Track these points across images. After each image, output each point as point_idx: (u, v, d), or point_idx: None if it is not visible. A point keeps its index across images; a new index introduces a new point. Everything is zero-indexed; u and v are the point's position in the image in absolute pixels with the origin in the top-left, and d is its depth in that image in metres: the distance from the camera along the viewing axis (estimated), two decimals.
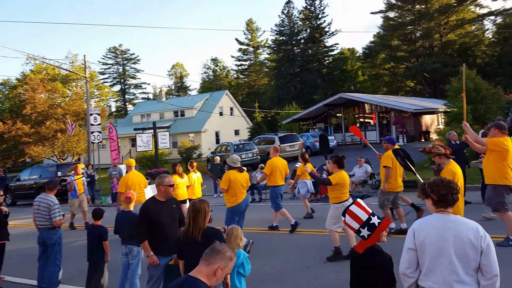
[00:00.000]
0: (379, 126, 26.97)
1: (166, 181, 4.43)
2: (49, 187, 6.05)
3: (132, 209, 5.59)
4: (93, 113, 20.29)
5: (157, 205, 4.39)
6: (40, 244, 5.94)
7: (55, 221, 5.80)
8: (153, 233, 4.33)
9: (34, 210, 5.96)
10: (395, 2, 45.77)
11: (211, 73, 70.65)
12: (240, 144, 20.59)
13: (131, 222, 5.27)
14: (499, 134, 6.01)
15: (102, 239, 5.61)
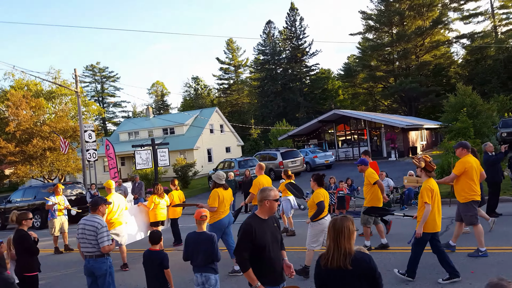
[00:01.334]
0: (370, 142, 26.82)
1: (272, 195, 3.60)
2: (92, 208, 5.09)
3: (206, 230, 4.70)
4: (87, 129, 19.04)
5: (260, 224, 3.52)
6: (88, 274, 4.95)
7: (103, 247, 4.85)
8: (255, 258, 3.47)
9: (78, 235, 4.99)
10: (374, 24, 46.87)
11: (192, 91, 69.74)
12: (244, 160, 19.76)
13: (208, 245, 4.43)
14: (465, 152, 6.35)
15: (163, 266, 4.71)
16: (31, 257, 5.31)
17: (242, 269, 3.43)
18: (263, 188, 3.69)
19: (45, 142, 21.96)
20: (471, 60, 43.40)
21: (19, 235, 5.29)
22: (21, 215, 5.42)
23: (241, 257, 3.42)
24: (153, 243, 4.87)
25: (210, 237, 4.49)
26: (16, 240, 5.27)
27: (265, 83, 54.61)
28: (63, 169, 22.86)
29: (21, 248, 5.24)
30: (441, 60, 45.11)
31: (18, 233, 5.32)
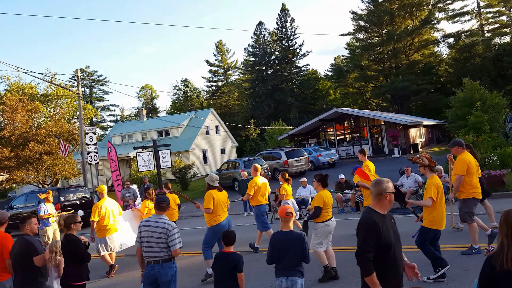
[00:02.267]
0: (371, 140, 26.67)
1: (391, 187, 3.17)
2: (161, 206, 4.57)
3: (292, 228, 4.22)
4: (89, 131, 18.28)
5: (382, 220, 3.05)
6: (149, 282, 4.41)
7: (174, 251, 4.35)
8: (379, 259, 2.99)
9: (142, 238, 4.46)
10: (364, 24, 47.06)
11: (182, 94, 68.90)
12: (249, 160, 19.29)
13: (297, 245, 3.97)
14: (461, 150, 6.29)
15: (237, 270, 4.22)
16: (81, 264, 4.75)
17: (364, 272, 2.95)
18: (379, 180, 3.22)
19: (42, 146, 21.04)
20: (460, 58, 43.96)
21: (69, 240, 4.74)
22: (69, 219, 4.87)
23: (364, 258, 2.95)
24: (228, 244, 4.39)
25: (300, 237, 4.04)
26: (65, 246, 4.71)
27: (256, 84, 54.22)
28: (60, 173, 21.94)
29: (71, 254, 4.67)
30: (430, 59, 45.66)
31: (67, 238, 4.77)
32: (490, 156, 13.70)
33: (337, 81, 53.29)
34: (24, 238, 4.80)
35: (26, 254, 4.67)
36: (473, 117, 15.98)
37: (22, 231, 4.91)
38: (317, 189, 6.02)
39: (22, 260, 4.67)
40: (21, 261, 4.68)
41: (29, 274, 4.68)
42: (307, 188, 12.21)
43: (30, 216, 5.05)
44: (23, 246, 4.70)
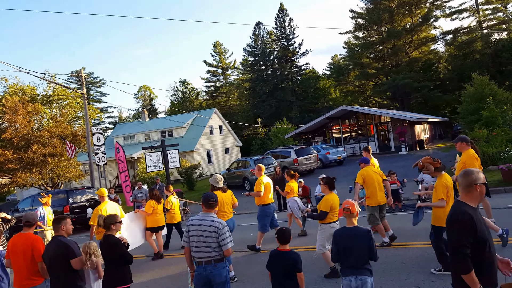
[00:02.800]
0: (377, 137, 26.42)
1: (482, 178, 2.86)
2: (209, 204, 4.25)
3: (356, 224, 3.92)
4: (95, 132, 17.89)
5: (475, 214, 2.78)
6: (202, 284, 4.08)
7: (227, 250, 4.03)
8: (475, 256, 2.73)
9: (190, 237, 4.13)
10: (364, 22, 46.90)
11: (180, 95, 68.53)
12: (260, 159, 18.97)
13: (364, 241, 3.68)
14: (465, 146, 6.30)
15: (296, 269, 3.91)
16: (124, 266, 4.41)
17: (463, 270, 2.66)
18: (468, 170, 2.92)
19: (46, 148, 20.61)
20: (459, 55, 43.87)
21: (110, 242, 4.40)
22: (109, 219, 4.53)
23: (461, 254, 2.67)
24: (283, 242, 4.06)
25: (366, 232, 3.74)
26: (106, 248, 4.37)
27: (256, 84, 53.97)
28: (64, 175, 21.52)
29: (113, 256, 4.34)
30: (430, 56, 45.61)
31: (108, 240, 4.42)
32: (506, 150, 13.51)
33: (338, 79, 53.16)
34: (60, 240, 4.43)
35: (63, 256, 4.30)
36: (486, 112, 15.78)
37: (56, 232, 4.55)
38: (324, 192, 5.95)
39: (59, 263, 4.31)
40: (57, 265, 4.31)
41: (67, 278, 4.30)
42: None
43: (64, 216, 4.71)
44: (59, 248, 4.34)
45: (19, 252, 4.78)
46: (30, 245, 4.75)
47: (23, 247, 4.77)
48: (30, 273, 4.73)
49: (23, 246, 4.78)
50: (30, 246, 4.75)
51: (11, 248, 4.87)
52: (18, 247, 4.80)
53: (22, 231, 5.01)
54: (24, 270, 4.73)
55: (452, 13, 44.95)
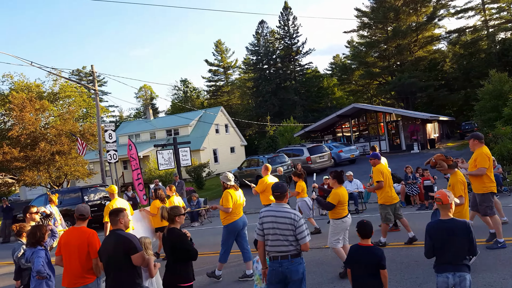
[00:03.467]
0: (388, 135, 26.18)
1: None
2: (275, 194, 3.96)
3: (452, 216, 3.65)
4: (107, 129, 17.57)
5: None
6: (278, 281, 3.80)
7: (304, 244, 3.75)
8: None
9: (265, 230, 3.85)
10: (369, 21, 46.73)
11: (181, 94, 68.20)
12: (273, 157, 18.70)
13: (462, 234, 3.41)
14: (479, 144, 6.20)
15: (380, 266, 3.64)
16: (188, 262, 4.12)
17: None
18: None
19: (54, 146, 20.26)
20: (465, 54, 43.75)
21: (175, 235, 4.10)
22: (174, 210, 4.21)
23: None
24: (365, 237, 3.78)
25: (464, 225, 3.47)
26: (170, 242, 4.08)
27: (259, 83, 53.73)
28: (72, 174, 21.17)
29: (178, 251, 4.05)
30: (435, 55, 45.48)
31: (173, 233, 4.12)
32: None
33: (341, 78, 52.99)
34: (120, 234, 4.07)
35: (124, 252, 3.94)
36: (508, 109, 15.57)
37: (114, 225, 4.20)
38: (333, 186, 5.92)
39: (118, 259, 3.94)
40: (117, 261, 3.95)
41: (126, 276, 3.96)
42: (354, 183, 11.61)
43: (122, 208, 4.39)
44: (119, 243, 3.98)
45: (73, 248, 4.42)
46: (86, 240, 4.41)
47: (77, 242, 4.42)
48: (84, 271, 4.39)
49: (77, 241, 4.42)
50: (85, 241, 4.41)
51: (64, 244, 4.50)
52: (72, 243, 4.44)
53: (76, 225, 4.65)
54: (77, 268, 4.39)
55: (457, 12, 44.81)
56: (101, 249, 4.18)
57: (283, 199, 3.91)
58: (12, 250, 5.80)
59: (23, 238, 5.66)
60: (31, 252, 4.80)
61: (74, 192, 15.22)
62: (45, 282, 4.78)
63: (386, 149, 25.53)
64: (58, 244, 4.62)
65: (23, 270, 5.47)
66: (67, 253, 4.45)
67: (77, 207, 4.73)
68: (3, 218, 15.97)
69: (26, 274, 5.43)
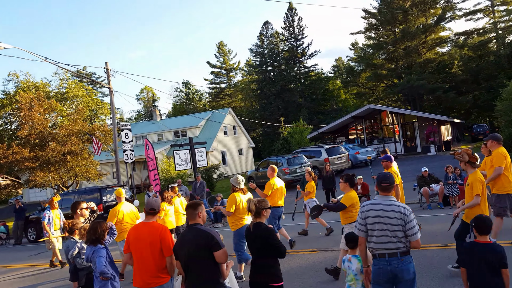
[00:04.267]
0: (403, 137, 25.95)
1: None
2: (383, 186, 3.70)
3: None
4: (124, 128, 17.30)
5: None
6: (385, 280, 3.54)
7: (416, 241, 3.50)
8: None
9: (368, 224, 3.60)
10: (376, 22, 46.67)
11: (183, 96, 68.06)
12: (292, 158, 18.47)
13: None
14: (497, 145, 6.24)
15: (502, 264, 3.38)
16: (276, 259, 3.86)
17: None
18: None
19: (65, 146, 19.97)
20: (474, 56, 43.73)
21: (262, 230, 3.84)
22: (261, 204, 3.97)
23: None
24: (483, 233, 3.53)
25: None
26: (257, 237, 3.82)
27: (263, 85, 53.61)
28: (83, 175, 20.87)
29: (265, 247, 3.78)
30: (444, 57, 45.48)
31: (259, 228, 3.86)
32: None
33: (346, 81, 52.95)
34: (200, 229, 3.77)
35: (205, 248, 3.65)
36: None
37: (192, 219, 3.90)
38: (345, 190, 5.94)
39: (200, 255, 3.66)
40: (198, 258, 3.66)
41: (208, 274, 3.68)
42: None
43: (200, 202, 4.12)
44: (200, 239, 3.69)
45: (144, 245, 4.08)
46: (158, 236, 4.08)
47: (150, 238, 4.08)
48: (158, 270, 4.07)
49: (150, 238, 4.08)
50: (158, 237, 4.08)
51: (133, 240, 4.17)
52: (143, 239, 4.10)
53: (145, 219, 4.32)
54: (151, 266, 4.05)
55: (466, 13, 44.87)
56: (177, 245, 3.88)
57: (390, 191, 3.65)
58: (65, 249, 5.54)
59: (75, 236, 5.55)
60: (92, 250, 4.57)
61: (92, 192, 14.91)
62: (110, 282, 4.54)
63: (401, 151, 25.25)
64: (127, 240, 4.28)
65: (80, 270, 5.23)
66: (138, 250, 4.11)
67: (148, 201, 4.38)
68: (15, 219, 15.69)
69: (83, 274, 5.21)
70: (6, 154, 19.41)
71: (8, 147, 20.06)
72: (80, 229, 5.24)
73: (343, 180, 5.91)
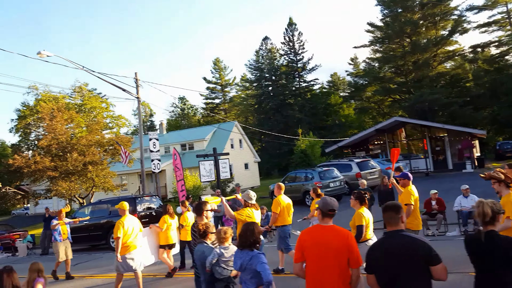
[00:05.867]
0: (431, 153, 25.87)
1: None
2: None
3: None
4: (152, 137, 17.99)
5: None
6: None
7: None
8: None
9: None
10: (384, 34, 47.74)
11: (179, 111, 69.24)
12: (324, 171, 18.88)
13: None
14: None
15: None
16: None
17: None
18: None
19: (86, 156, 20.62)
20: (490, 70, 43.52)
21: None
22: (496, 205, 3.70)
23: None
24: None
25: None
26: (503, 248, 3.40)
27: (262, 100, 54.80)
28: (103, 185, 21.46)
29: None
30: (458, 70, 45.88)
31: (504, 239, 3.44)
32: None
33: (350, 96, 54.23)
34: (408, 236, 3.39)
35: (420, 260, 3.23)
36: None
37: (394, 225, 3.46)
38: (355, 207, 6.15)
39: (410, 271, 3.23)
40: (408, 273, 3.23)
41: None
42: (470, 198, 11.14)
43: (400, 204, 3.77)
44: (411, 249, 3.27)
45: (329, 252, 3.58)
46: (346, 242, 3.60)
47: (335, 244, 3.59)
48: (343, 283, 3.57)
49: (335, 243, 3.59)
50: (345, 243, 3.60)
51: (312, 246, 3.68)
52: (327, 245, 3.61)
53: (322, 222, 3.82)
54: (335, 280, 3.54)
55: (480, 25, 44.98)
56: (375, 256, 3.46)
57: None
58: (199, 255, 4.90)
59: (208, 240, 5.06)
60: (249, 256, 4.12)
61: (126, 200, 15.50)
62: None
63: (429, 167, 24.65)
64: (300, 247, 3.77)
65: (217, 280, 4.65)
66: (319, 258, 3.62)
67: (325, 200, 3.89)
68: (44, 228, 16.02)
69: (221, 286, 4.65)
70: (29, 163, 19.85)
71: (31, 156, 20.74)
72: (219, 231, 4.75)
73: (354, 197, 6.14)
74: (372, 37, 49.18)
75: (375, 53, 50.06)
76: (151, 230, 9.02)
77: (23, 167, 19.61)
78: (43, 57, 14.28)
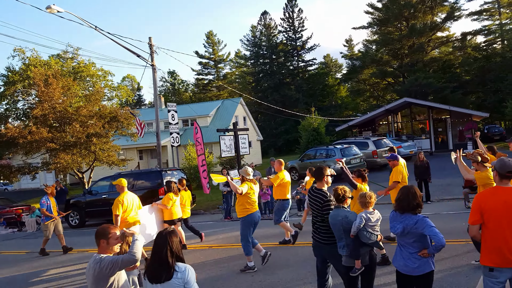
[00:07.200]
0: (433, 133, 26.01)
1: None
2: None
3: None
4: (170, 109, 16.34)
5: None
6: None
7: None
8: None
9: None
10: (383, 17, 46.96)
11: (169, 87, 66.42)
12: (345, 148, 18.07)
13: None
14: None
15: None
16: None
17: None
18: None
19: (89, 127, 18.67)
20: (479, 57, 44.70)
21: None
22: None
23: None
24: None
25: None
26: None
27: (260, 78, 53.03)
28: (106, 159, 19.61)
29: None
30: (450, 56, 46.36)
31: None
32: None
33: (347, 77, 53.25)
34: None
35: None
36: None
37: None
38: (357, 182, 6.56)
39: None
40: None
41: None
42: None
43: None
44: None
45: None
46: None
47: None
48: None
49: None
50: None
51: (498, 208, 3.45)
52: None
53: (500, 183, 3.57)
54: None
55: (472, 13, 46.03)
56: None
57: None
58: (340, 220, 4.42)
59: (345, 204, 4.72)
60: (414, 220, 3.75)
61: (152, 173, 14.09)
62: (430, 259, 3.87)
63: (431, 148, 25.04)
64: (477, 208, 3.53)
65: (363, 245, 4.36)
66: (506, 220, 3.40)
67: (503, 162, 3.64)
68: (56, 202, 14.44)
69: (366, 250, 4.41)
70: (23, 134, 17.82)
71: (25, 126, 18.55)
72: (364, 196, 4.55)
73: (356, 175, 6.63)
74: (371, 18, 48.31)
75: (373, 35, 49.35)
76: (154, 208, 8.92)
77: (18, 137, 17.49)
78: (54, 12, 12.55)
